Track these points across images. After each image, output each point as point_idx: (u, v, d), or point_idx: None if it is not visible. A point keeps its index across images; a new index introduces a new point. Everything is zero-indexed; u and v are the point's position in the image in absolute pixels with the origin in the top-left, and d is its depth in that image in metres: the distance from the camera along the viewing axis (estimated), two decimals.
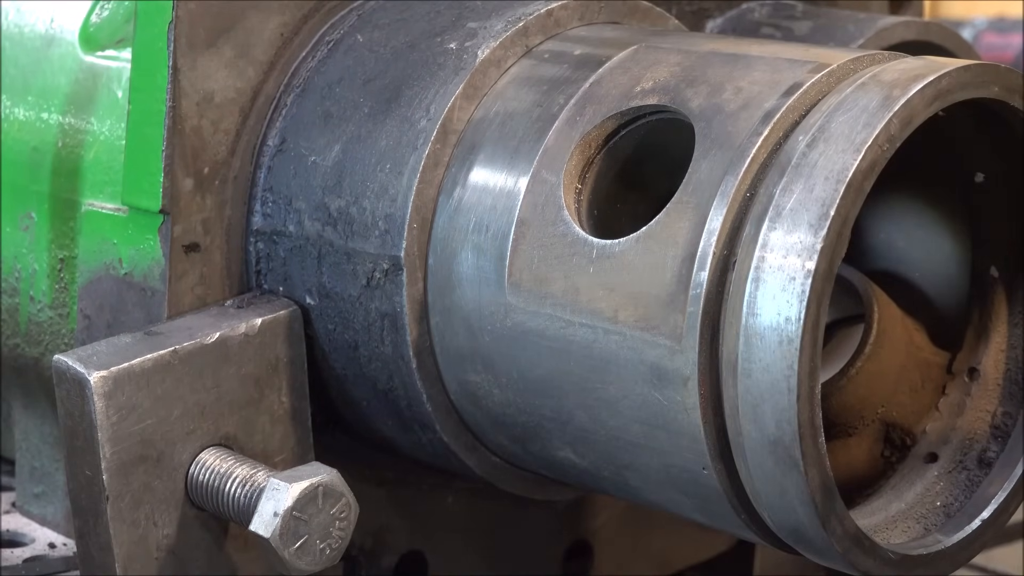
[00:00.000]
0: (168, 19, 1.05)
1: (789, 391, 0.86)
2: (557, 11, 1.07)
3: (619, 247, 0.93)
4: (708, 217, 0.89)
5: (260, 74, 1.10)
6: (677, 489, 0.94)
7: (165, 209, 1.06)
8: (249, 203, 1.10)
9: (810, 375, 0.86)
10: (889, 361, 1.02)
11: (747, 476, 0.90)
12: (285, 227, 1.09)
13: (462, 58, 1.05)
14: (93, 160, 1.15)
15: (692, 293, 0.89)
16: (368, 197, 1.05)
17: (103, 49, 1.18)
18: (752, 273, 0.87)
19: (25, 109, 1.20)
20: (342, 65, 1.10)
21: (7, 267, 1.20)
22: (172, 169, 1.06)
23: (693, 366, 0.89)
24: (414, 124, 1.04)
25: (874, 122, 0.87)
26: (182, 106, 1.06)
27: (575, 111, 0.99)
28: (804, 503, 0.88)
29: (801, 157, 0.88)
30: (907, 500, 1.01)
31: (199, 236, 1.08)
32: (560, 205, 0.96)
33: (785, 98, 0.91)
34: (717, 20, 1.31)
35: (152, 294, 1.08)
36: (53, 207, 1.17)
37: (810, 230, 0.86)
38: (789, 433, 0.86)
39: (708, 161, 0.91)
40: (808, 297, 0.85)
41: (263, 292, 1.10)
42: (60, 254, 1.16)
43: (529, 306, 0.96)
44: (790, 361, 0.85)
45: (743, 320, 0.87)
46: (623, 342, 0.92)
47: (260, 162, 1.10)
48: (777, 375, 0.86)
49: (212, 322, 1.05)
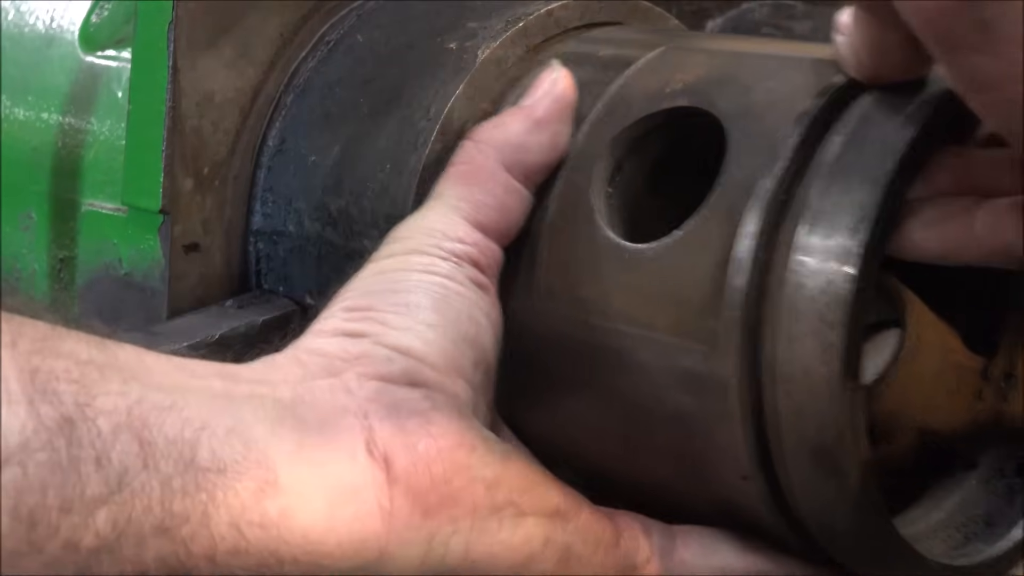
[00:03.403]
0: (168, 19, 1.04)
1: (831, 397, 0.84)
2: (557, 11, 1.07)
3: (652, 252, 0.91)
4: (743, 220, 0.87)
5: (260, 74, 1.10)
6: (715, 498, 0.92)
7: (165, 209, 1.06)
8: (249, 203, 1.10)
9: (853, 380, 0.84)
10: (925, 366, 0.99)
11: (787, 484, 0.88)
12: (285, 227, 1.09)
13: (462, 58, 1.05)
14: (93, 160, 1.15)
15: (728, 298, 0.87)
16: (368, 197, 1.05)
17: (103, 49, 1.18)
18: (790, 277, 0.85)
19: (25, 109, 1.20)
20: (342, 65, 1.10)
21: (7, 267, 1.20)
22: (172, 169, 1.06)
23: (731, 373, 0.87)
24: (414, 124, 1.04)
25: (911, 122, 0.86)
26: (182, 106, 1.06)
27: (603, 113, 0.97)
28: (847, 511, 0.86)
29: (837, 158, 0.87)
30: (947, 509, 0.99)
31: (199, 236, 1.08)
32: (591, 208, 0.94)
33: (819, 99, 0.89)
34: (717, 20, 1.31)
35: (152, 294, 1.08)
36: (53, 207, 1.17)
37: (849, 233, 0.84)
38: (832, 441, 0.84)
39: (741, 164, 0.89)
40: (849, 300, 0.83)
41: (263, 292, 1.10)
42: (60, 254, 1.16)
43: (561, 312, 0.95)
44: (832, 366, 0.83)
45: (782, 325, 0.85)
46: (657, 348, 0.90)
47: (260, 162, 1.10)
48: (818, 381, 0.84)
49: (212, 322, 1.05)
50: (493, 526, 0.87)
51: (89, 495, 0.75)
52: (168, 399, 0.80)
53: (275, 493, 0.81)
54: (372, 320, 0.91)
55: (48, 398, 0.75)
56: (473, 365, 0.92)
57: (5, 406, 0.74)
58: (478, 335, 0.93)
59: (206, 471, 0.79)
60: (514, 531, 0.88)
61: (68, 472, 0.74)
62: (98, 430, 0.76)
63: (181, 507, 0.78)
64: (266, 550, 0.80)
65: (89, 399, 0.77)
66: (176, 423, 0.79)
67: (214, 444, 0.80)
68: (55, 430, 0.75)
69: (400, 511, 0.84)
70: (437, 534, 0.85)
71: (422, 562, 0.85)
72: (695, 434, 0.90)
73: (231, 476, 0.79)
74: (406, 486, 0.84)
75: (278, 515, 0.80)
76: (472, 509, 0.86)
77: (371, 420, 0.86)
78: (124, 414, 0.77)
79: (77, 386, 0.77)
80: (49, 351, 0.77)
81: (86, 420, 0.76)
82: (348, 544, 0.83)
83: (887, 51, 0.86)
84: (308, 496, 0.82)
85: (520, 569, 0.88)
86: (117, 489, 0.76)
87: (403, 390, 0.88)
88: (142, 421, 0.78)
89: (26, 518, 0.73)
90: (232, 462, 0.80)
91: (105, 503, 0.75)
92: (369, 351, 0.89)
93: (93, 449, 0.76)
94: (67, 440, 0.75)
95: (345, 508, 0.83)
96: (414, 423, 0.86)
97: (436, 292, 0.92)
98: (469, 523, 0.86)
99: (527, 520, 0.88)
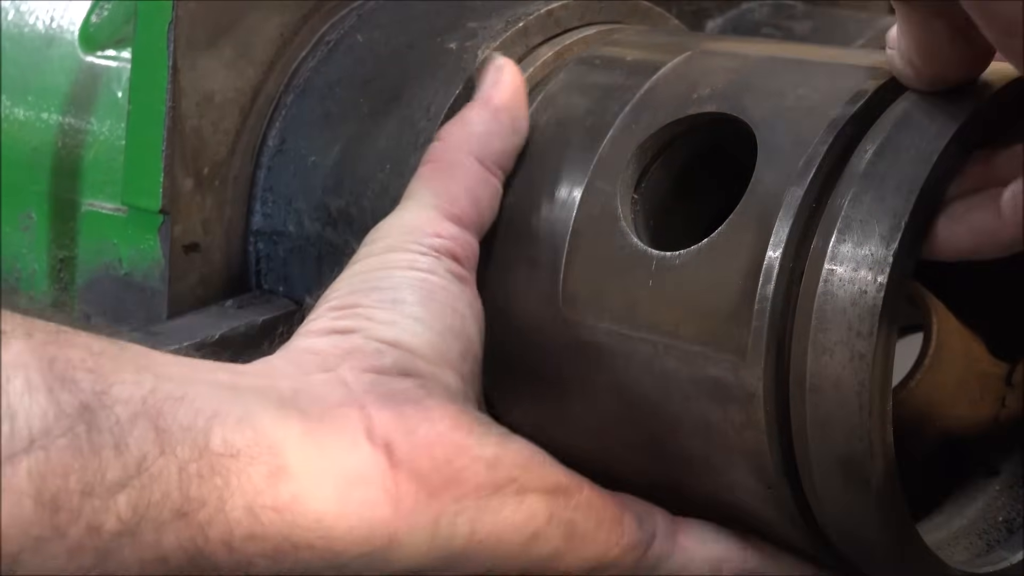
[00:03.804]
0: (168, 19, 1.04)
1: (860, 408, 0.83)
2: (557, 11, 1.07)
3: (679, 260, 0.90)
4: (773, 229, 0.86)
5: (260, 74, 1.10)
6: (739, 507, 0.92)
7: (165, 209, 1.06)
8: (249, 203, 1.10)
9: (882, 391, 0.83)
10: (948, 373, 0.99)
11: (813, 494, 0.87)
12: (285, 227, 1.09)
13: (462, 58, 1.05)
14: (93, 160, 1.15)
15: (757, 307, 0.86)
16: (368, 197, 1.05)
17: (103, 49, 1.18)
18: (821, 286, 0.84)
19: (25, 109, 1.20)
20: (342, 65, 1.10)
21: (7, 267, 1.20)
22: (172, 169, 1.06)
23: (758, 382, 0.86)
24: (414, 124, 1.04)
25: (944, 131, 0.84)
26: (182, 106, 1.06)
27: (630, 119, 0.96)
28: (874, 522, 0.85)
29: (870, 166, 0.85)
30: (968, 516, 0.98)
31: (199, 236, 1.08)
32: (617, 216, 0.93)
33: (850, 105, 0.88)
34: (717, 20, 1.31)
35: (152, 294, 1.08)
36: (53, 207, 1.17)
37: (881, 242, 0.83)
38: (860, 451, 0.83)
39: (772, 171, 0.88)
40: (880, 311, 0.82)
41: (263, 292, 1.10)
42: (60, 254, 1.16)
43: (586, 320, 0.94)
44: (862, 377, 0.82)
45: (811, 335, 0.84)
46: (684, 357, 0.89)
47: (260, 162, 1.10)
48: (848, 391, 0.83)
49: (212, 322, 1.05)
50: (496, 503, 0.88)
51: (110, 479, 0.76)
52: (180, 389, 0.81)
53: (286, 478, 0.82)
54: (359, 316, 0.92)
55: (67, 385, 0.77)
56: (460, 356, 0.93)
57: (27, 393, 0.75)
58: (464, 327, 0.93)
59: (220, 456, 0.80)
60: (517, 507, 0.89)
61: (89, 457, 0.76)
62: (116, 417, 0.78)
63: (198, 492, 0.79)
64: (280, 535, 0.81)
65: (106, 387, 0.78)
66: (189, 411, 0.80)
67: (226, 431, 0.81)
68: (75, 416, 0.76)
69: (406, 495, 0.85)
70: (443, 515, 0.86)
71: (430, 546, 0.86)
72: (720, 442, 0.89)
73: (244, 461, 0.81)
74: (409, 470, 0.85)
75: (290, 499, 0.82)
76: (475, 488, 0.87)
77: (369, 409, 0.86)
78: (140, 402, 0.79)
79: (93, 375, 0.78)
80: (64, 342, 0.79)
81: (104, 407, 0.77)
82: (359, 529, 0.84)
83: (938, 48, 0.85)
84: (318, 481, 0.83)
85: (526, 547, 0.89)
86: (136, 474, 0.77)
87: (397, 380, 0.89)
88: (157, 409, 0.79)
89: (49, 502, 0.75)
90: (244, 447, 0.81)
91: (125, 487, 0.77)
92: (360, 346, 0.90)
93: (112, 435, 0.77)
94: (87, 426, 0.76)
95: (353, 493, 0.84)
96: (411, 409, 0.87)
97: (419, 287, 0.93)
98: (473, 502, 0.87)
99: (529, 496, 0.89)
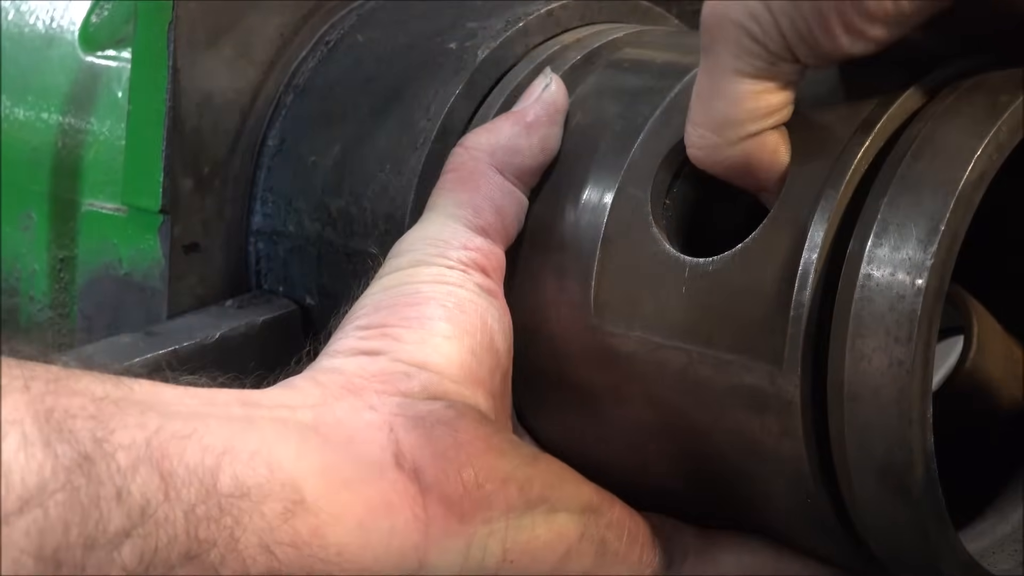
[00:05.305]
0: (168, 19, 1.04)
1: (900, 415, 0.81)
2: (557, 11, 1.07)
3: (712, 266, 0.88)
4: (809, 233, 0.84)
5: (260, 74, 1.10)
6: (775, 518, 0.90)
7: (165, 209, 1.06)
8: (249, 203, 1.10)
9: (922, 398, 0.81)
10: (988, 375, 0.98)
11: (852, 504, 0.86)
12: (285, 227, 1.09)
13: (462, 58, 1.05)
14: (93, 160, 1.15)
15: (793, 314, 0.84)
16: (368, 197, 1.05)
17: (103, 49, 1.18)
18: (858, 291, 0.82)
19: (25, 109, 1.20)
20: (342, 65, 1.10)
21: (7, 267, 1.20)
22: (172, 169, 1.06)
23: (795, 390, 0.84)
24: (414, 124, 1.04)
25: (982, 131, 0.83)
26: (182, 106, 1.05)
27: (660, 124, 0.94)
28: (915, 531, 0.83)
29: (906, 168, 0.83)
30: (1012, 522, 0.96)
31: (199, 236, 1.08)
32: (648, 222, 0.92)
33: (885, 107, 0.86)
34: None
35: (152, 294, 1.08)
36: (53, 207, 1.17)
37: (919, 246, 0.81)
38: (900, 459, 0.82)
39: (806, 174, 0.86)
40: (919, 316, 0.80)
41: (263, 292, 1.10)
42: (60, 254, 1.16)
43: (618, 329, 0.92)
44: (901, 384, 0.81)
45: (849, 341, 0.82)
46: (719, 366, 0.87)
47: (260, 162, 1.10)
48: (887, 399, 0.81)
49: (212, 322, 1.05)
50: (528, 523, 0.87)
51: (113, 530, 0.75)
52: (188, 427, 0.79)
53: (304, 513, 0.80)
54: (387, 337, 0.90)
55: (65, 437, 0.75)
56: (490, 372, 0.91)
57: (23, 449, 0.73)
58: (493, 341, 0.92)
59: (229, 496, 0.78)
60: (549, 527, 0.88)
61: (89, 509, 0.74)
62: (117, 465, 0.76)
63: (207, 533, 0.77)
64: (301, 570, 0.80)
65: (107, 434, 0.76)
66: (196, 451, 0.79)
67: (236, 468, 0.79)
68: (73, 468, 0.74)
69: (436, 519, 0.84)
70: (475, 538, 0.85)
71: (462, 567, 0.85)
72: (756, 452, 0.88)
73: (255, 499, 0.79)
74: (439, 494, 0.84)
75: (309, 534, 0.80)
76: (506, 510, 0.86)
77: (397, 433, 0.85)
78: (143, 446, 0.77)
79: (94, 422, 0.76)
80: (63, 390, 0.76)
81: (105, 456, 0.75)
82: (386, 558, 0.82)
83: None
84: (339, 514, 0.81)
85: (559, 566, 0.88)
86: (140, 522, 0.76)
87: (425, 403, 0.87)
88: (161, 451, 0.77)
89: (51, 559, 0.73)
90: (255, 485, 0.79)
91: (129, 536, 0.75)
92: (387, 368, 0.88)
93: (113, 484, 0.75)
94: (86, 477, 0.74)
95: (378, 523, 0.82)
96: (440, 431, 0.86)
97: (448, 303, 0.91)
98: (504, 523, 0.86)
99: (560, 515, 0.88)
